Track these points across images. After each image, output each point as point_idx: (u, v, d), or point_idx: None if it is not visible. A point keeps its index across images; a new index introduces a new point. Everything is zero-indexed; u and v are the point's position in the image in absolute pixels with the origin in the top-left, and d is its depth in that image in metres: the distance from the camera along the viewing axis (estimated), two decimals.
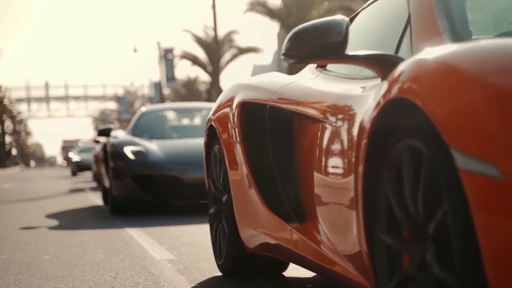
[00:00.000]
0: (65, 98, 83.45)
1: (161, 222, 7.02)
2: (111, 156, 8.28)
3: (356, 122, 2.26)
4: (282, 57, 2.48)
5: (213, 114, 3.68)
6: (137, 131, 9.04)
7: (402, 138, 1.93)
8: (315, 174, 2.62)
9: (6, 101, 58.73)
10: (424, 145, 1.80)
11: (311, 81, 3.03)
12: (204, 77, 58.03)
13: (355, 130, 2.23)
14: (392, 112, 1.95)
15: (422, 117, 1.75)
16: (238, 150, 3.25)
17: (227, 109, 3.45)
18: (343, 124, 2.41)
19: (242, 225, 3.31)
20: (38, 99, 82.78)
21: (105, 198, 9.77)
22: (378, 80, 2.39)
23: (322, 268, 2.62)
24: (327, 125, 2.57)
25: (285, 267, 3.59)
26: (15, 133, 77.58)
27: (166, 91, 51.49)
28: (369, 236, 2.10)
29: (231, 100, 3.45)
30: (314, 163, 2.64)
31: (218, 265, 3.70)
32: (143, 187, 7.86)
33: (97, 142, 15.09)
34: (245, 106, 3.29)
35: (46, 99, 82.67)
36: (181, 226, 6.47)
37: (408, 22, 2.55)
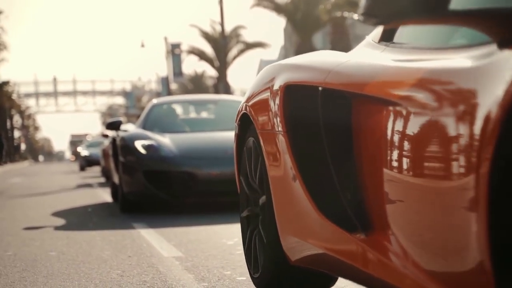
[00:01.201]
0: (73, 93, 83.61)
1: (168, 217, 6.96)
2: (121, 151, 7.83)
3: (469, 106, 1.67)
4: (361, 17, 1.91)
5: (247, 101, 3.08)
6: (148, 124, 8.55)
7: None
8: (386, 172, 2.06)
9: (14, 96, 58.84)
10: None
11: (378, 57, 2.41)
12: (211, 72, 57.96)
13: (468, 117, 1.66)
14: None
15: None
16: (281, 142, 2.66)
17: (266, 94, 2.86)
18: (442, 109, 1.80)
19: (285, 232, 2.72)
20: (47, 94, 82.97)
21: (114, 195, 9.48)
22: (494, 47, 1.73)
23: None
24: (410, 111, 1.94)
25: (332, 283, 3.01)
26: (24, 128, 77.77)
27: (173, 86, 51.45)
28: (494, 252, 1.57)
29: (270, 83, 2.86)
30: (383, 159, 2.07)
31: (254, 279, 3.11)
32: (155, 183, 7.40)
33: (105, 136, 15.05)
34: (290, 89, 2.68)
35: (54, 94, 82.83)
36: (188, 222, 6.40)
37: None
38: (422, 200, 1.86)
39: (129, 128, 8.57)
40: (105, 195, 11.10)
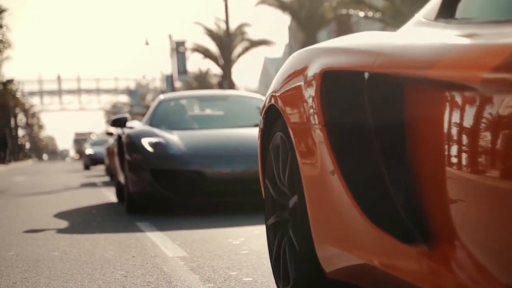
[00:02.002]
0: (77, 91, 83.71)
1: (172, 216, 6.88)
2: (127, 149, 7.41)
3: None
4: None
5: (275, 91, 2.72)
6: (155, 121, 8.14)
7: None
8: (451, 171, 1.70)
9: (18, 94, 58.86)
10: None
11: (441, 35, 2.00)
12: (215, 70, 57.92)
13: None
14: None
15: None
16: (318, 137, 2.27)
17: (299, 83, 2.47)
18: None
19: (321, 240, 2.34)
20: (51, 92, 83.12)
21: (119, 194, 9.15)
22: None
23: None
24: (488, 97, 1.59)
25: None
26: (28, 126, 77.85)
27: (178, 84, 51.43)
28: None
29: (304, 70, 2.46)
30: (447, 156, 1.73)
31: None
32: (163, 182, 7.00)
33: (110, 134, 14.97)
34: (328, 76, 2.28)
35: (59, 92, 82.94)
36: (192, 221, 6.32)
37: None
38: (496, 204, 1.55)
39: (135, 125, 8.21)
40: (109, 194, 11.04)
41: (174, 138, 7.35)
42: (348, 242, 2.15)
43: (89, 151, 29.04)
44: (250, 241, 4.87)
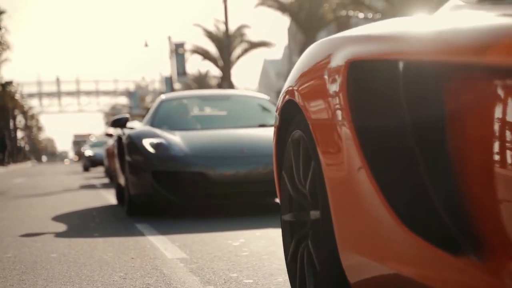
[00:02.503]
0: (76, 93, 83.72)
1: (171, 218, 6.82)
2: (127, 150, 7.18)
3: None
4: None
5: (293, 85, 2.49)
6: (156, 121, 7.88)
7: None
8: (501, 169, 1.50)
9: (17, 96, 58.83)
10: None
11: (490, 17, 1.76)
12: (215, 71, 57.89)
13: None
14: None
15: None
16: (345, 134, 2.03)
17: (322, 75, 2.21)
18: None
19: (347, 247, 2.10)
20: (50, 94, 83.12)
21: (119, 197, 8.95)
22: None
23: None
24: None
25: None
26: (27, 128, 77.82)
27: (177, 85, 51.40)
28: None
29: (327, 61, 2.22)
30: (498, 153, 1.52)
31: None
32: (164, 184, 6.78)
33: (109, 136, 14.90)
34: (357, 67, 2.03)
35: (58, 94, 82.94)
36: (191, 223, 6.27)
37: None
38: None
39: (136, 125, 7.97)
40: (108, 196, 10.98)
41: (176, 138, 7.13)
42: (378, 250, 1.91)
43: (88, 152, 28.97)
44: (250, 242, 4.82)
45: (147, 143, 7.02)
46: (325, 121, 2.16)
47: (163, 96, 8.77)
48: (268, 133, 7.10)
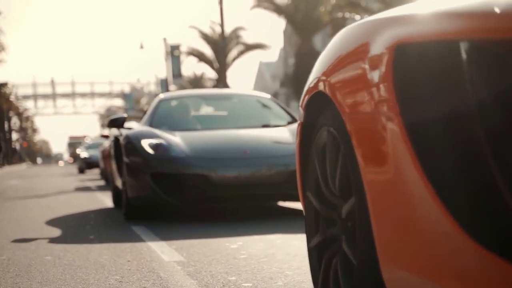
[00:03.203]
0: (72, 95, 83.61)
1: (168, 220, 6.75)
2: (125, 151, 6.88)
3: None
4: None
5: (324, 74, 2.20)
6: (155, 122, 7.57)
7: None
8: None
9: (12, 98, 58.69)
10: None
11: None
12: (210, 73, 57.87)
13: None
14: None
15: None
16: (391, 131, 1.72)
17: (360, 62, 1.93)
18: None
19: (391, 262, 1.80)
20: (45, 96, 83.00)
21: (115, 200, 8.75)
22: None
23: None
24: None
25: None
26: (22, 130, 77.65)
27: (172, 87, 51.35)
28: None
29: (365, 46, 1.94)
30: None
31: None
32: (164, 187, 6.50)
33: (105, 137, 14.81)
34: (404, 51, 1.71)
35: (53, 96, 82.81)
36: (188, 225, 6.20)
37: None
38: None
39: (134, 125, 7.68)
40: (104, 198, 10.90)
41: (176, 139, 6.86)
42: (430, 265, 1.62)
43: (83, 154, 28.83)
44: (248, 245, 4.75)
45: (146, 143, 6.76)
46: (365, 115, 1.86)
47: (161, 95, 8.49)
48: (271, 134, 6.99)
